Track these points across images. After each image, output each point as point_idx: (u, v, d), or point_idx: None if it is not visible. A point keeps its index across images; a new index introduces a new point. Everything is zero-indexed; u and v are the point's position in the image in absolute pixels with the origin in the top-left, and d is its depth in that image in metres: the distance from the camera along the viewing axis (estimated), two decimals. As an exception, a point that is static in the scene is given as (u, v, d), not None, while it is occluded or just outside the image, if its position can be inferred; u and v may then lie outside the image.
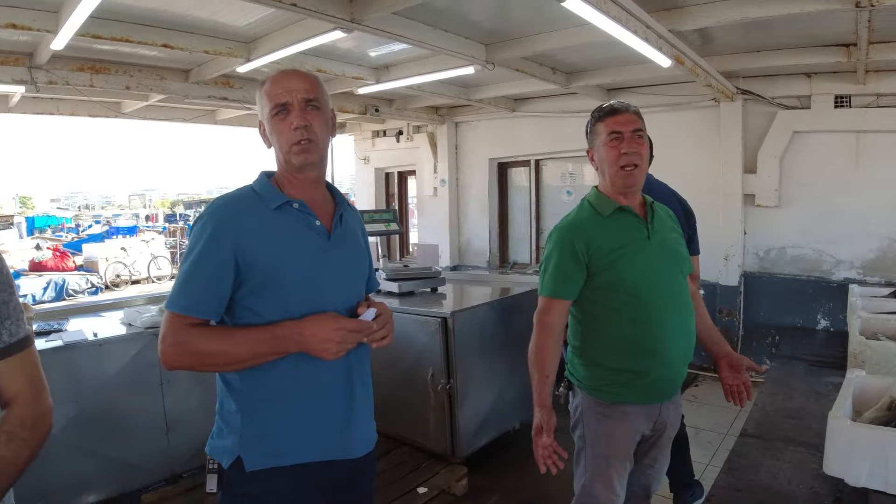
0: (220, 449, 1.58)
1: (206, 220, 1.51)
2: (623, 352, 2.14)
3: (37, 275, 14.91)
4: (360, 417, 1.66)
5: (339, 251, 1.64)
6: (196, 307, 1.47)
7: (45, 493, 3.08)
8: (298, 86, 1.58)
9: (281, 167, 1.64)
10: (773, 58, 5.03)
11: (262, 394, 1.54)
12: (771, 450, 2.03)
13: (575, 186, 7.56)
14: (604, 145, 2.16)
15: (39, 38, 4.21)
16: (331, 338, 1.48)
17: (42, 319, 3.84)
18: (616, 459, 2.21)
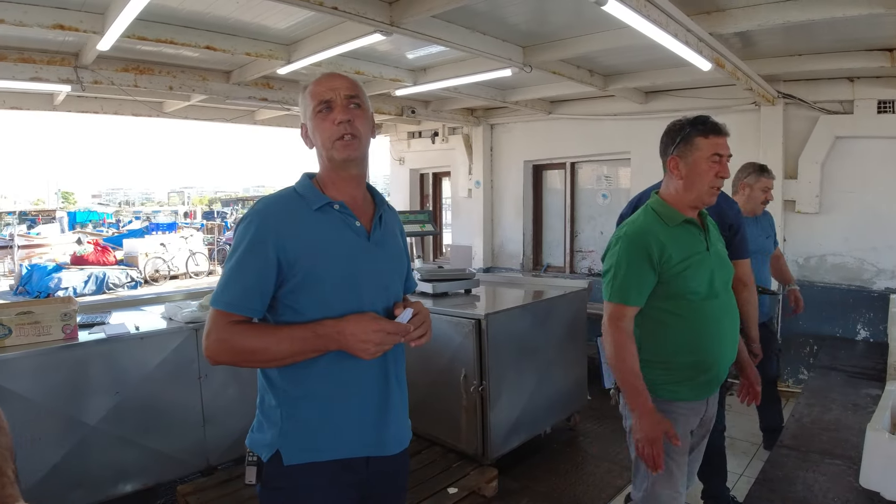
0: (259, 442, 1.61)
1: (251, 220, 1.55)
2: (683, 353, 2.20)
3: (78, 268, 15.25)
4: (395, 415, 1.69)
5: (378, 251, 1.66)
6: (240, 305, 1.51)
7: (83, 482, 3.18)
8: (341, 84, 1.62)
9: (323, 167, 1.67)
10: (814, 62, 4.94)
11: (302, 391, 1.57)
12: (807, 462, 2.01)
13: (610, 190, 7.51)
14: (704, 161, 2.19)
15: (86, 38, 4.32)
16: (369, 338, 1.50)
17: (85, 312, 3.94)
18: (678, 455, 2.25)
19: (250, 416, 3.77)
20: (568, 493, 3.78)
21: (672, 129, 2.28)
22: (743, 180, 3.83)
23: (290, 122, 8.38)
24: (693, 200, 2.23)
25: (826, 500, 1.74)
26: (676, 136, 2.25)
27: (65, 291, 13.24)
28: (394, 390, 1.69)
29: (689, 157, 2.21)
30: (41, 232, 22.94)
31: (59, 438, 3.09)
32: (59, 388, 3.11)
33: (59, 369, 3.12)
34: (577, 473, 4.05)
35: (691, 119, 2.24)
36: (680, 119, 2.28)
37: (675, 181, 2.27)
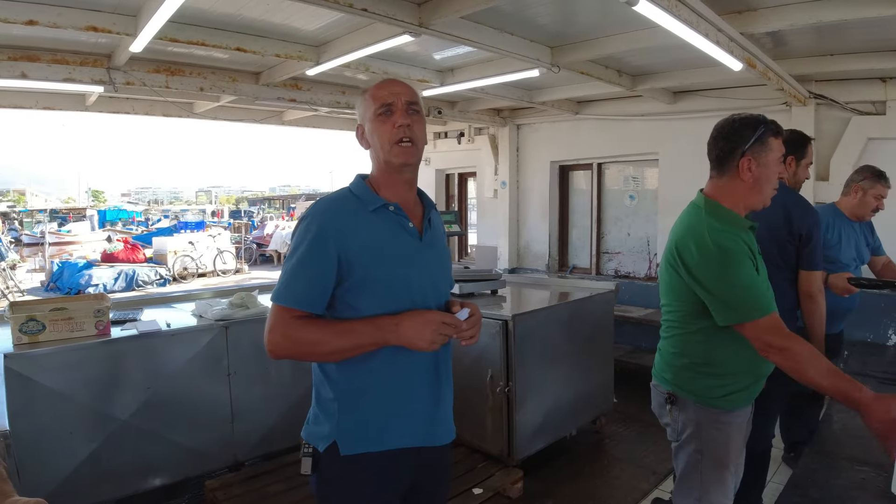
0: (316, 434, 1.68)
1: (311, 220, 1.61)
2: (752, 361, 2.14)
3: (108, 265, 15.51)
4: (444, 408, 1.78)
5: (428, 252, 1.73)
6: (302, 301, 1.57)
7: (113, 475, 3.24)
8: (402, 90, 1.68)
9: (378, 168, 1.72)
10: (847, 62, 4.86)
11: (358, 384, 1.64)
12: (836, 468, 1.98)
13: (638, 191, 7.45)
14: (776, 162, 2.15)
15: (118, 40, 4.40)
16: (427, 332, 1.58)
17: (118, 309, 4.01)
18: (733, 465, 2.23)
19: (278, 413, 3.82)
20: (593, 497, 3.76)
21: (742, 128, 2.14)
22: (857, 182, 3.62)
23: (317, 122, 8.45)
24: (757, 202, 2.16)
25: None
26: (750, 136, 2.12)
27: (95, 288, 13.47)
28: (444, 384, 1.77)
29: (763, 157, 2.11)
30: (72, 229, 23.45)
31: (90, 432, 3.15)
32: (92, 384, 3.17)
33: (92, 365, 3.18)
34: (602, 477, 4.03)
35: (758, 118, 2.14)
36: (737, 117, 2.17)
37: (739, 182, 2.15)
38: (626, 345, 6.61)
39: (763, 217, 2.66)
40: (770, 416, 3.11)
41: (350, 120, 8.65)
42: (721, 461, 2.19)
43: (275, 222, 24.82)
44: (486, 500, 3.47)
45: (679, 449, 2.27)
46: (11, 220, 31.94)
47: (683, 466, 2.26)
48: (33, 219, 30.58)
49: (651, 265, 7.26)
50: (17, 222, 30.99)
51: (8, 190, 54.71)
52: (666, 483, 3.88)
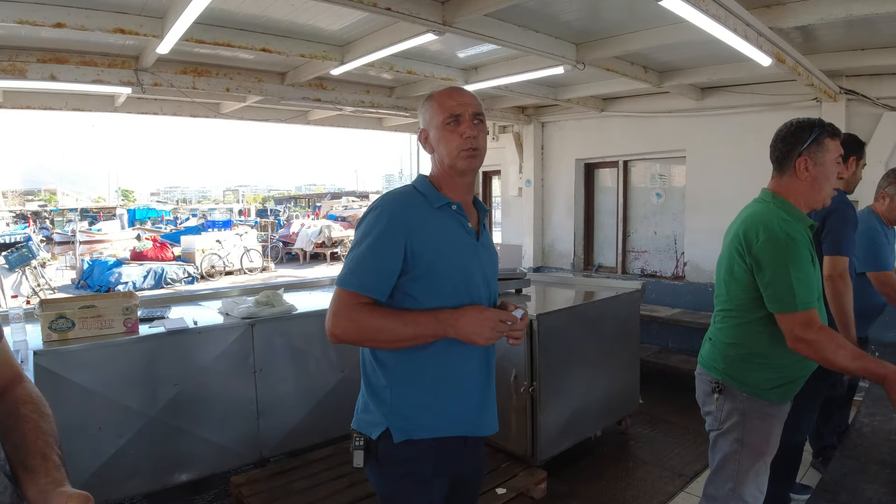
0: (367, 422, 1.73)
1: (381, 211, 1.68)
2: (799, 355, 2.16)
3: (137, 263, 15.74)
4: (491, 399, 1.88)
5: (483, 251, 1.82)
6: (370, 287, 1.63)
7: (140, 470, 3.29)
8: (470, 101, 1.77)
9: (441, 171, 1.80)
10: (878, 56, 4.76)
11: (413, 373, 1.71)
12: (866, 473, 1.94)
13: (665, 188, 7.37)
14: (833, 162, 2.22)
15: (145, 42, 4.46)
16: (485, 327, 1.64)
17: (146, 307, 4.07)
18: (770, 457, 2.29)
19: (303, 410, 3.85)
20: (617, 499, 3.73)
21: (799, 130, 2.25)
22: (884, 189, 3.63)
23: (342, 121, 8.48)
24: (816, 201, 2.23)
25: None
26: (807, 137, 2.22)
27: (124, 286, 13.67)
28: (491, 377, 1.88)
29: (820, 157, 2.20)
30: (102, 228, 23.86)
31: (118, 428, 3.20)
32: (120, 380, 3.22)
33: (120, 362, 3.23)
34: (627, 479, 3.99)
35: (814, 121, 2.23)
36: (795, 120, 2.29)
37: (797, 181, 2.24)
38: (652, 345, 6.55)
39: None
40: (809, 411, 3.14)
41: (374, 119, 8.69)
42: (760, 452, 2.25)
43: (301, 221, 25.02)
44: (509, 501, 3.45)
45: (719, 437, 2.33)
46: (43, 219, 32.59)
47: (721, 456, 2.32)
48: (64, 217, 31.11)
49: (678, 264, 7.18)
50: (49, 221, 31.60)
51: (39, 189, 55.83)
52: (692, 486, 3.83)
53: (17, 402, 1.16)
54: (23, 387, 1.22)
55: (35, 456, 1.04)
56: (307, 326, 3.94)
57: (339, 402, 4.03)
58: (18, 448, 1.05)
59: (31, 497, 0.97)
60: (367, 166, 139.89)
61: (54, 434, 1.14)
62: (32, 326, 3.39)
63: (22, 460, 1.03)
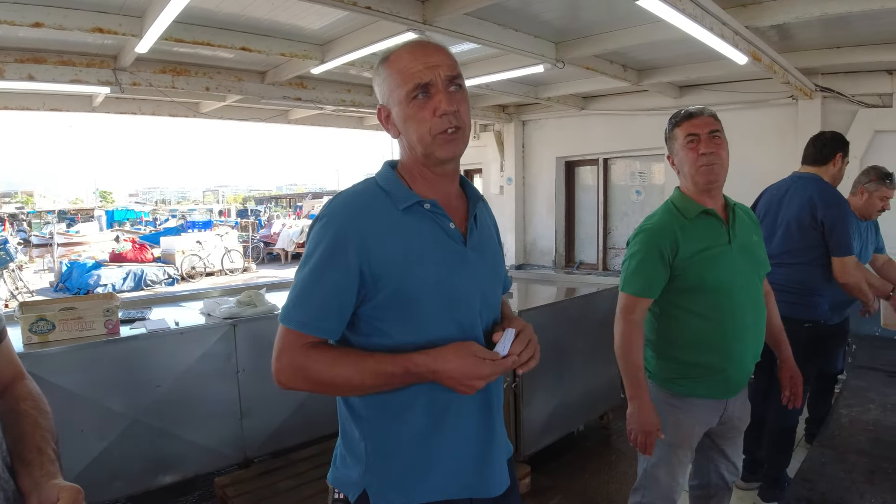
0: (344, 480, 1.38)
1: (327, 221, 1.29)
2: (699, 349, 2.21)
3: (116, 265, 15.57)
4: (499, 449, 1.45)
5: (476, 258, 1.38)
6: (314, 325, 1.27)
7: (123, 473, 3.26)
8: (440, 60, 1.30)
9: (412, 159, 1.37)
10: (853, 54, 4.85)
11: (390, 420, 1.33)
12: (844, 462, 1.98)
13: (644, 186, 7.45)
14: (682, 148, 2.21)
15: (124, 41, 4.43)
16: (471, 384, 1.26)
17: (127, 308, 4.04)
18: (680, 449, 2.31)
19: (287, 411, 3.84)
20: (601, 492, 3.76)
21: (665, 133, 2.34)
22: (863, 185, 3.70)
23: (323, 120, 8.48)
24: (694, 185, 2.23)
25: (862, 500, 1.71)
26: (665, 139, 2.31)
27: (104, 288, 13.53)
28: (496, 419, 1.44)
29: (675, 149, 2.26)
30: (80, 230, 23.59)
31: (100, 430, 3.18)
32: (102, 382, 3.19)
33: (102, 363, 3.20)
34: (609, 472, 4.03)
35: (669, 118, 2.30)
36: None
37: (679, 176, 2.30)
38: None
39: (796, 207, 3.17)
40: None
41: (355, 118, 8.68)
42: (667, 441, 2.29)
43: (282, 221, 24.92)
44: (494, 496, 3.47)
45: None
46: (20, 221, 32.14)
47: None
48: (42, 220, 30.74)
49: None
50: (26, 223, 31.18)
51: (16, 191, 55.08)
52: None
53: (18, 399, 1.18)
54: (24, 384, 1.24)
55: (31, 450, 1.06)
56: (290, 326, 3.93)
57: (323, 401, 4.01)
58: (17, 442, 1.07)
59: (26, 489, 1.00)
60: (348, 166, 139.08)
61: (52, 430, 1.16)
62: (12, 329, 3.34)
63: (19, 454, 1.05)
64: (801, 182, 3.32)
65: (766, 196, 3.46)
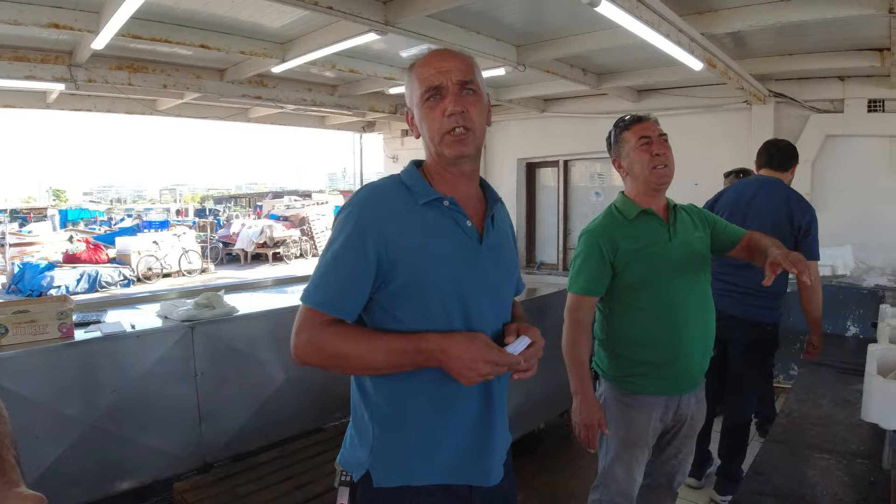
0: (351, 460, 1.47)
1: (350, 211, 1.39)
2: (645, 345, 2.28)
3: (70, 266, 15.18)
4: (497, 441, 1.52)
5: (490, 257, 1.46)
6: (332, 305, 1.35)
7: (80, 479, 3.18)
8: (453, 66, 1.40)
9: (431, 159, 1.47)
10: (806, 61, 5.01)
11: (397, 408, 1.43)
12: (796, 455, 2.05)
13: (604, 187, 7.56)
14: (634, 150, 2.29)
15: (80, 37, 4.34)
16: (474, 368, 1.31)
17: (81, 311, 3.94)
18: (635, 446, 2.36)
19: (247, 414, 3.80)
20: (562, 489, 3.81)
21: (607, 139, 2.44)
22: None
23: (284, 119, 8.41)
24: (645, 185, 2.30)
25: (815, 493, 1.77)
26: (610, 142, 2.41)
27: (57, 290, 13.18)
28: (497, 414, 1.51)
29: (624, 152, 2.34)
30: (33, 230, 22.85)
31: (56, 436, 3.10)
32: (57, 387, 3.11)
33: (56, 368, 3.12)
34: (571, 468, 4.08)
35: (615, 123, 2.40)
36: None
37: (626, 178, 2.39)
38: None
39: (768, 210, 3.27)
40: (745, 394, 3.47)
41: (317, 117, 8.64)
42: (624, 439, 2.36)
43: (241, 221, 24.55)
44: (456, 496, 3.48)
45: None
46: (-32, 220, 31.09)
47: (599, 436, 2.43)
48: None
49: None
50: (-26, 222, 30.16)
51: (-37, 189, 53.23)
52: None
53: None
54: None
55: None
56: (250, 328, 3.89)
57: (283, 403, 4.00)
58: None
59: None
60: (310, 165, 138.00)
61: (10, 435, 1.13)
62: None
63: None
64: (771, 186, 3.44)
65: (728, 198, 3.53)
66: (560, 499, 3.73)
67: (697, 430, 2.49)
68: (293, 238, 21.52)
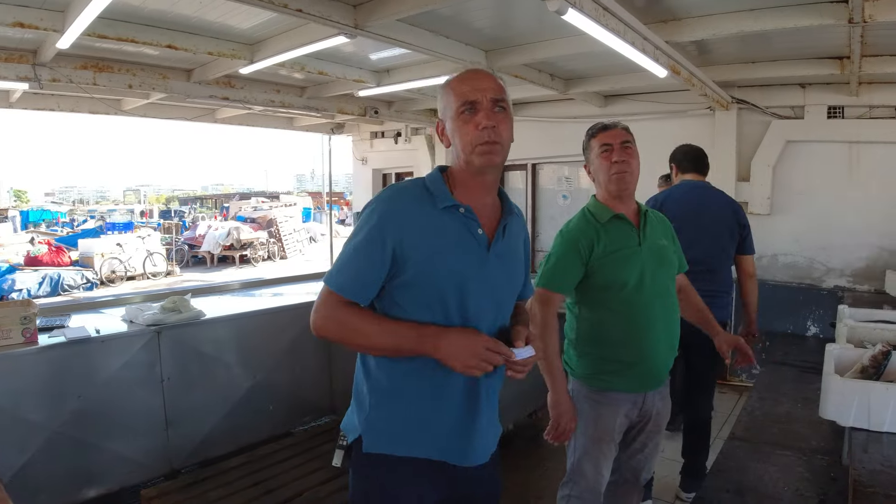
0: (350, 424, 1.67)
1: (375, 207, 1.56)
2: (614, 344, 2.36)
3: (32, 269, 14.85)
4: (482, 427, 1.68)
5: (496, 262, 1.62)
6: (349, 288, 1.54)
7: (45, 487, 3.13)
8: (488, 85, 1.58)
9: (458, 167, 1.63)
10: (768, 69, 5.12)
11: (391, 385, 1.60)
12: (759, 453, 2.11)
13: (571, 190, 7.64)
14: (597, 157, 2.40)
15: (44, 36, 4.25)
16: (465, 353, 1.50)
17: (44, 315, 3.86)
18: (603, 442, 2.42)
19: (215, 419, 3.78)
20: (532, 488, 3.86)
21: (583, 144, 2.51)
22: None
23: (252, 120, 8.33)
24: (607, 192, 2.41)
25: (776, 489, 1.83)
26: (583, 149, 2.51)
27: (19, 293, 12.88)
28: (483, 404, 1.67)
29: (590, 158, 2.45)
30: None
31: (20, 444, 3.04)
32: (20, 393, 3.06)
33: (20, 374, 3.07)
34: (540, 468, 4.13)
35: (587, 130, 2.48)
36: None
37: (595, 184, 2.49)
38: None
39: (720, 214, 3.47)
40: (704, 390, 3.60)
41: (285, 118, 8.58)
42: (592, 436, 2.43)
43: (207, 222, 24.18)
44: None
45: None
46: (-76, 222, 30.17)
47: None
48: (-52, 220, 28.93)
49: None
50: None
51: (-81, 189, 51.65)
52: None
53: None
54: None
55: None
56: (217, 332, 3.86)
57: (251, 408, 3.97)
58: None
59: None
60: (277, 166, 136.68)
61: None
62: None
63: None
64: (712, 191, 3.62)
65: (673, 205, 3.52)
66: (530, 497, 3.77)
67: (663, 427, 2.56)
68: (261, 240, 21.25)
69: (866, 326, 2.84)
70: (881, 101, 5.26)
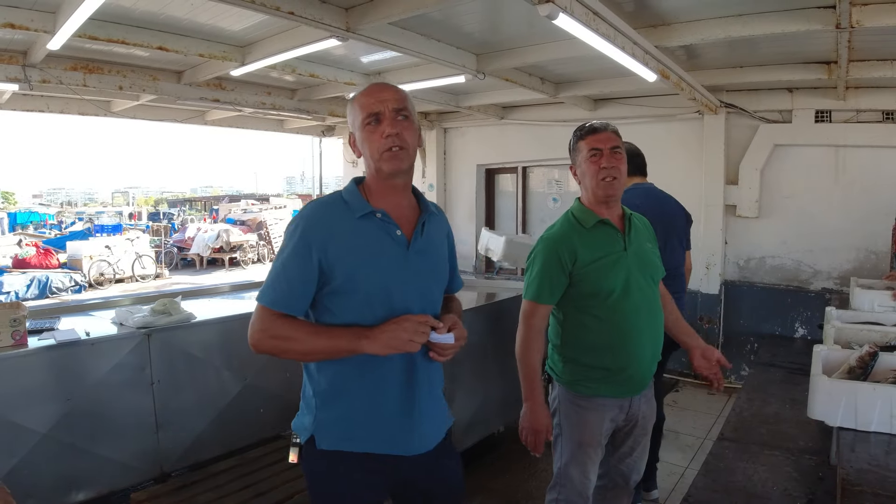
0: (299, 426, 1.77)
1: (298, 223, 1.66)
2: (599, 351, 2.34)
3: (20, 272, 14.73)
4: (420, 418, 1.76)
5: (417, 260, 1.73)
6: (281, 302, 1.64)
7: (35, 491, 3.10)
8: (389, 96, 1.68)
9: (370, 175, 1.74)
10: (756, 73, 5.16)
11: (332, 385, 1.70)
12: (747, 453, 2.13)
13: (561, 193, 7.67)
14: (585, 161, 2.36)
15: (35, 37, 4.24)
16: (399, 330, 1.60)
17: (34, 318, 3.84)
18: (589, 447, 2.41)
19: (205, 422, 3.78)
20: (520, 490, 3.87)
21: (569, 145, 2.48)
22: None
23: (242, 122, 8.31)
24: (594, 197, 2.38)
25: (765, 488, 1.85)
26: (570, 150, 2.47)
27: (6, 296, 12.76)
28: (422, 393, 1.76)
29: (577, 160, 2.42)
30: (-22, 234, 22.08)
31: (9, 447, 3.02)
32: (9, 396, 3.03)
33: (9, 377, 3.04)
34: (529, 470, 4.14)
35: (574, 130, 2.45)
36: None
37: (581, 186, 2.46)
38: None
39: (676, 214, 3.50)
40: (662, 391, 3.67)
41: (275, 120, 8.57)
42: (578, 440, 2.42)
43: (197, 225, 24.06)
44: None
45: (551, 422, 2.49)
46: None
47: (554, 438, 2.49)
48: (-65, 222, 28.62)
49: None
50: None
51: None
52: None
53: None
54: None
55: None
56: (207, 335, 3.85)
57: (241, 411, 3.96)
58: None
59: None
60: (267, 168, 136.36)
61: None
62: None
63: None
64: (662, 192, 3.62)
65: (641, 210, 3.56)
66: (519, 499, 3.78)
67: (650, 429, 2.56)
68: (250, 243, 21.17)
69: (853, 328, 2.87)
70: (868, 105, 5.32)
